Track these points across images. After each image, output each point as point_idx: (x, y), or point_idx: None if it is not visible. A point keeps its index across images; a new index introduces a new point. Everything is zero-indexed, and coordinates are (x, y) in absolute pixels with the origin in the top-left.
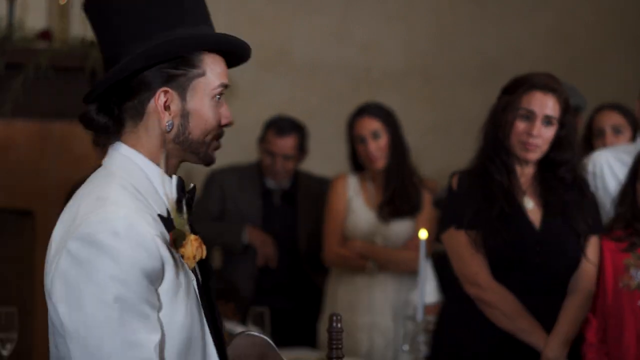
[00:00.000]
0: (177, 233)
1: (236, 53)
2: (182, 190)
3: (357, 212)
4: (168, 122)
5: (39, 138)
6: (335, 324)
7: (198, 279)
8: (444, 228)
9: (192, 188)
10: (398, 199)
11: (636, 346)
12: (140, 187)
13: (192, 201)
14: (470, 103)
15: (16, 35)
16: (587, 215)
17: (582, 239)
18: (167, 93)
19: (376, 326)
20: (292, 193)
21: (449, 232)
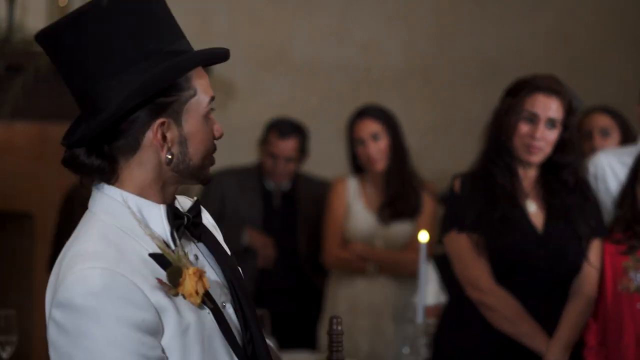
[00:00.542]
0: (172, 271)
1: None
2: (176, 217)
3: (357, 214)
4: (168, 154)
5: (38, 141)
6: (335, 327)
7: (218, 307)
8: (445, 231)
9: (194, 205)
10: (398, 201)
11: (635, 348)
12: (127, 227)
13: (198, 217)
14: (471, 103)
15: (16, 37)
16: (590, 219)
17: (584, 242)
18: (163, 124)
19: (376, 329)
20: (292, 195)
21: (451, 234)
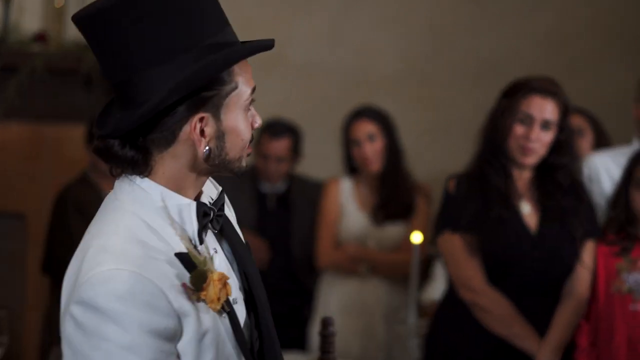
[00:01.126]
0: (196, 274)
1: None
2: (205, 214)
3: (350, 215)
4: (205, 148)
5: (32, 141)
6: (327, 328)
7: (234, 311)
8: (439, 231)
9: (218, 197)
10: (392, 202)
11: (626, 350)
12: (154, 222)
13: (221, 211)
14: (467, 105)
15: (11, 38)
16: (584, 220)
17: (578, 244)
18: (202, 119)
19: (368, 329)
20: (287, 197)
21: (445, 235)
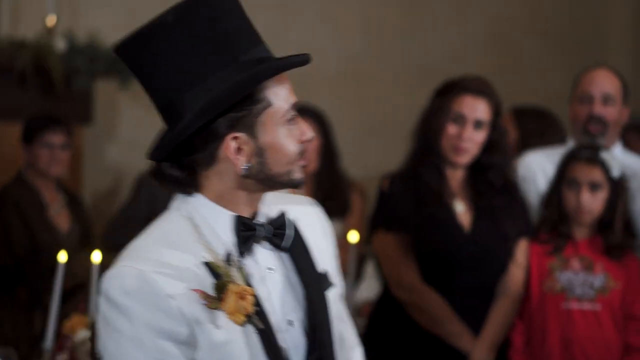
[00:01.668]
0: (217, 285)
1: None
2: (247, 227)
3: None
4: (244, 166)
5: None
6: None
7: (269, 328)
8: (373, 230)
9: (278, 217)
10: (327, 201)
11: (559, 348)
12: (192, 230)
13: (282, 229)
14: (404, 105)
15: None
16: (516, 219)
17: (511, 242)
18: (236, 139)
19: None
20: None
21: (379, 234)
